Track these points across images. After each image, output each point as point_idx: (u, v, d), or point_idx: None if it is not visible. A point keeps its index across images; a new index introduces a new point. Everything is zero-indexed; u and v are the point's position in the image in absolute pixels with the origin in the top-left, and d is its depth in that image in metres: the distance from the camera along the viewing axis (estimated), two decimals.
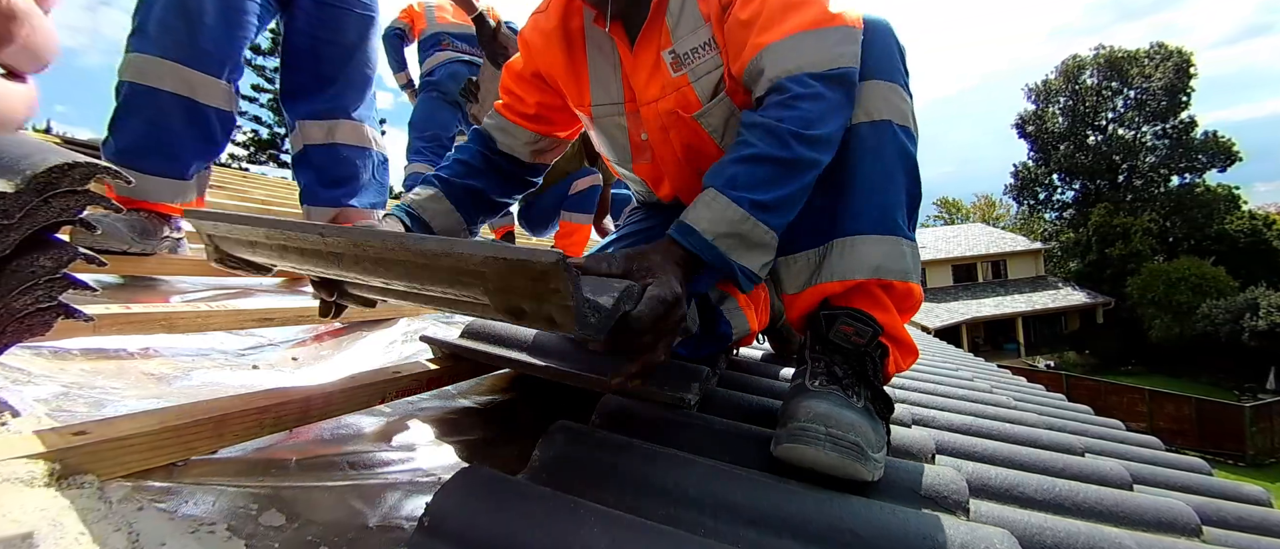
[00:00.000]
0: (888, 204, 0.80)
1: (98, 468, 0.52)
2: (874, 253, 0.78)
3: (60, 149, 0.57)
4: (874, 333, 0.77)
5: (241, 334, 1.24)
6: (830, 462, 0.64)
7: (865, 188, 0.80)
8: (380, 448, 0.79)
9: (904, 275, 0.79)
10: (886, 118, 0.80)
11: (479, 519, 0.48)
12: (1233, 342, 16.87)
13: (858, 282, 0.79)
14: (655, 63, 0.95)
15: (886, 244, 0.79)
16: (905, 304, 0.81)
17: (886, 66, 0.82)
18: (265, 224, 0.60)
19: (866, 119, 0.81)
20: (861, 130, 0.81)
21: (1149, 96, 24.11)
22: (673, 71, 0.93)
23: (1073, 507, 0.83)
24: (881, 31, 0.84)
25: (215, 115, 1.45)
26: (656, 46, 0.94)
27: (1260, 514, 1.07)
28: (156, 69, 1.36)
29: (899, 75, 0.83)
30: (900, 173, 0.81)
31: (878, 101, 0.81)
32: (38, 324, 0.59)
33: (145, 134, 1.37)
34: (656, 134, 1.01)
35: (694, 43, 0.92)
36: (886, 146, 0.80)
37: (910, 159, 0.81)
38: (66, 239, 0.59)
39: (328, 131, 1.66)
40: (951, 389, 1.74)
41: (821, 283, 0.81)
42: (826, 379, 0.73)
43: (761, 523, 0.56)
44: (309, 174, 1.70)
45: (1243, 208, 22.58)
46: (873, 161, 0.80)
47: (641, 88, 0.98)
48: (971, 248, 23.52)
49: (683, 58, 0.92)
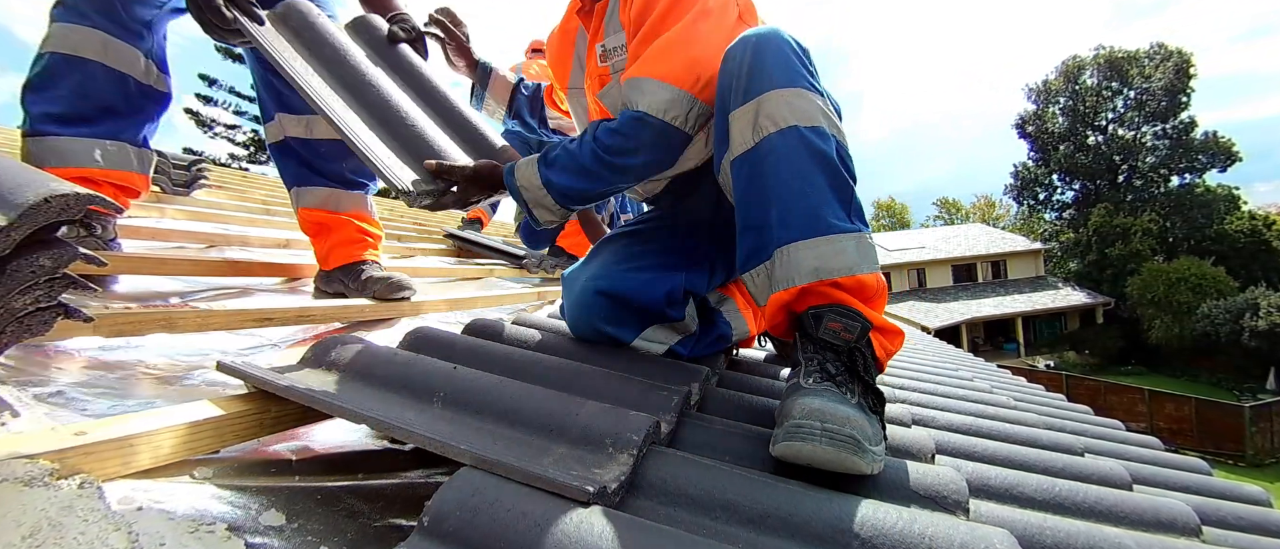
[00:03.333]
0: (811, 206, 0.81)
1: (98, 468, 0.52)
2: (808, 257, 0.79)
3: (56, 180, 0.56)
4: (863, 328, 0.77)
5: (241, 334, 1.24)
6: (828, 456, 0.64)
7: (787, 195, 0.82)
8: (381, 447, 0.79)
9: (848, 270, 0.78)
10: (791, 123, 0.83)
11: (478, 520, 0.48)
12: (1232, 342, 16.87)
13: (802, 286, 0.80)
14: (593, 53, 1.16)
15: (821, 245, 0.79)
16: (861, 296, 0.80)
17: (785, 74, 0.85)
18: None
19: (774, 128, 0.83)
20: (772, 141, 0.84)
21: (1149, 97, 24.11)
22: (600, 62, 1.14)
23: (1072, 507, 0.83)
24: (773, 42, 0.87)
25: (134, 84, 1.41)
26: (600, 39, 1.14)
27: (1260, 514, 1.07)
28: (84, 38, 1.32)
29: (800, 78, 0.85)
30: (817, 172, 0.82)
31: (781, 109, 0.83)
32: (37, 324, 0.59)
33: (71, 103, 1.32)
34: (593, 112, 1.24)
35: (614, 43, 1.11)
36: (795, 151, 0.82)
37: (823, 156, 0.82)
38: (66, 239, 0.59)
39: (307, 126, 1.63)
40: (951, 389, 1.74)
41: (776, 292, 0.83)
42: (820, 376, 0.74)
43: (761, 523, 0.56)
44: (293, 159, 1.64)
45: (1243, 208, 22.57)
46: (787, 168, 0.82)
47: (589, 73, 1.19)
48: (971, 248, 23.53)
49: (608, 52, 1.12)
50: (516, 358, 0.89)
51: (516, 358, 0.89)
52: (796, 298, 0.81)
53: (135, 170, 1.44)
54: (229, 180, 3.76)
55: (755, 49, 0.86)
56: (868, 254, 0.81)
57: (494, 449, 0.57)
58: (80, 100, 1.33)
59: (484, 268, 2.99)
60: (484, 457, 0.54)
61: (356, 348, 0.79)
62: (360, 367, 0.75)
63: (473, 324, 1.11)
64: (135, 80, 1.40)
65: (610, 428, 0.62)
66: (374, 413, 0.63)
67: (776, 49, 0.86)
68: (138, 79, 1.41)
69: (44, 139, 1.30)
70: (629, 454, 0.59)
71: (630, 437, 0.60)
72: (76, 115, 1.33)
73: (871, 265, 0.80)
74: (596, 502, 0.52)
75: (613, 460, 0.59)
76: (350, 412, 0.63)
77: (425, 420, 0.64)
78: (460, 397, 0.70)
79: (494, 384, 0.72)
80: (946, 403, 1.48)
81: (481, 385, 0.71)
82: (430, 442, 0.58)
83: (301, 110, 1.60)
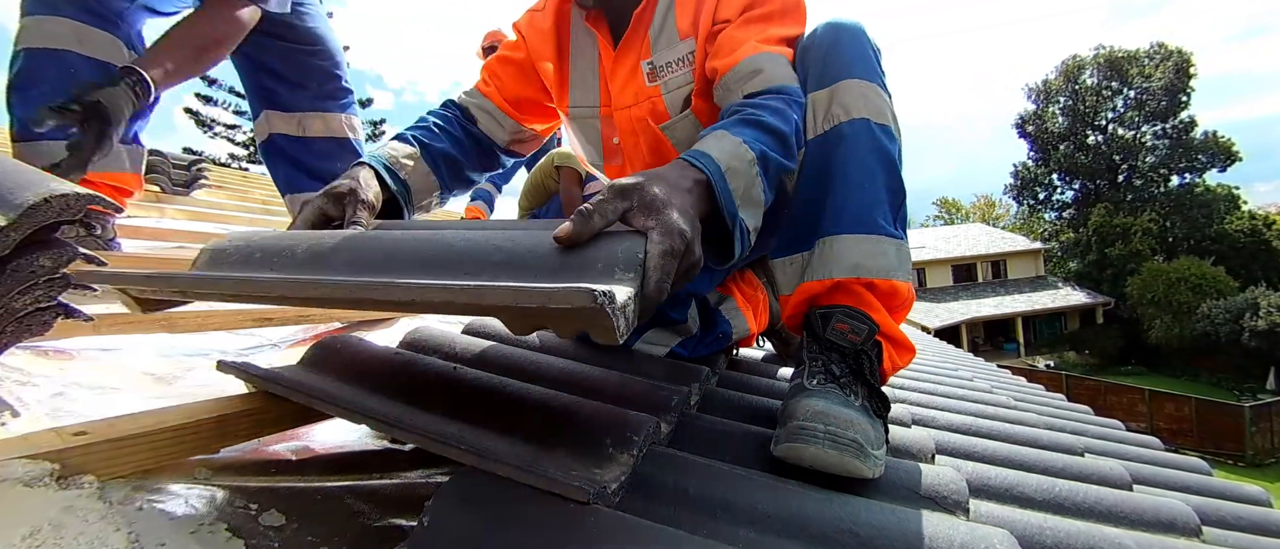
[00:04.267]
0: (866, 202, 0.80)
1: (98, 468, 0.52)
2: (852, 251, 0.79)
3: (56, 180, 0.56)
4: (870, 331, 0.77)
5: (241, 334, 1.24)
6: (830, 459, 0.64)
7: (844, 186, 0.81)
8: (381, 447, 0.79)
9: (886, 273, 0.78)
10: (864, 116, 0.81)
11: (478, 520, 0.48)
12: (1232, 342, 16.87)
13: (837, 280, 0.79)
14: (633, 70, 0.99)
15: (866, 243, 0.79)
16: (892, 302, 0.80)
17: (863, 66, 0.83)
18: (276, 281, 0.56)
19: (846, 117, 0.81)
20: (842, 129, 0.82)
21: (1149, 96, 24.13)
22: (648, 81, 0.98)
23: (1072, 507, 0.83)
24: (855, 33, 0.85)
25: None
26: (637, 55, 0.99)
27: (1260, 514, 1.07)
28: (56, 28, 1.27)
29: (875, 75, 0.84)
30: (879, 169, 0.81)
31: (855, 99, 0.82)
32: (37, 324, 0.59)
33: (55, 100, 1.26)
34: (627, 139, 1.06)
35: (671, 57, 0.96)
36: (863, 144, 0.81)
37: (887, 156, 0.81)
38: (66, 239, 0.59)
39: (298, 124, 1.59)
40: (951, 389, 1.74)
41: (805, 282, 0.82)
42: (824, 378, 0.74)
43: (761, 523, 0.56)
44: (282, 160, 1.62)
45: (1242, 208, 22.60)
46: (851, 160, 0.81)
47: (618, 92, 1.02)
48: (971, 248, 23.54)
49: (659, 69, 0.97)
50: (516, 358, 0.89)
51: (516, 358, 0.89)
52: (827, 291, 0.80)
53: (127, 170, 1.41)
54: (229, 180, 3.75)
55: (838, 36, 0.85)
56: (905, 263, 0.81)
57: (494, 449, 0.57)
58: (63, 95, 1.27)
59: None
60: (484, 457, 0.54)
61: (356, 347, 0.79)
62: (360, 366, 0.75)
63: (472, 324, 1.11)
64: (117, 69, 1.35)
65: (610, 428, 0.62)
66: (374, 412, 0.63)
67: (856, 41, 0.85)
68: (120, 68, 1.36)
69: (36, 143, 1.27)
70: (629, 454, 0.59)
71: (630, 437, 0.60)
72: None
73: (907, 274, 0.80)
74: (596, 502, 0.52)
75: (613, 461, 0.59)
76: (350, 411, 0.63)
77: (425, 420, 0.64)
78: (460, 396, 0.70)
79: (494, 384, 0.72)
80: (947, 403, 1.48)
81: (482, 385, 0.71)
82: (430, 442, 0.58)
83: (290, 107, 1.58)
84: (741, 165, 0.66)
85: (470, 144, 1.10)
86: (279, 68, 1.57)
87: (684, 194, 0.59)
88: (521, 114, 1.13)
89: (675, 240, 0.53)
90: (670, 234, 0.53)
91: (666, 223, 0.53)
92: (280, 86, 1.58)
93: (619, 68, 1.01)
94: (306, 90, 1.61)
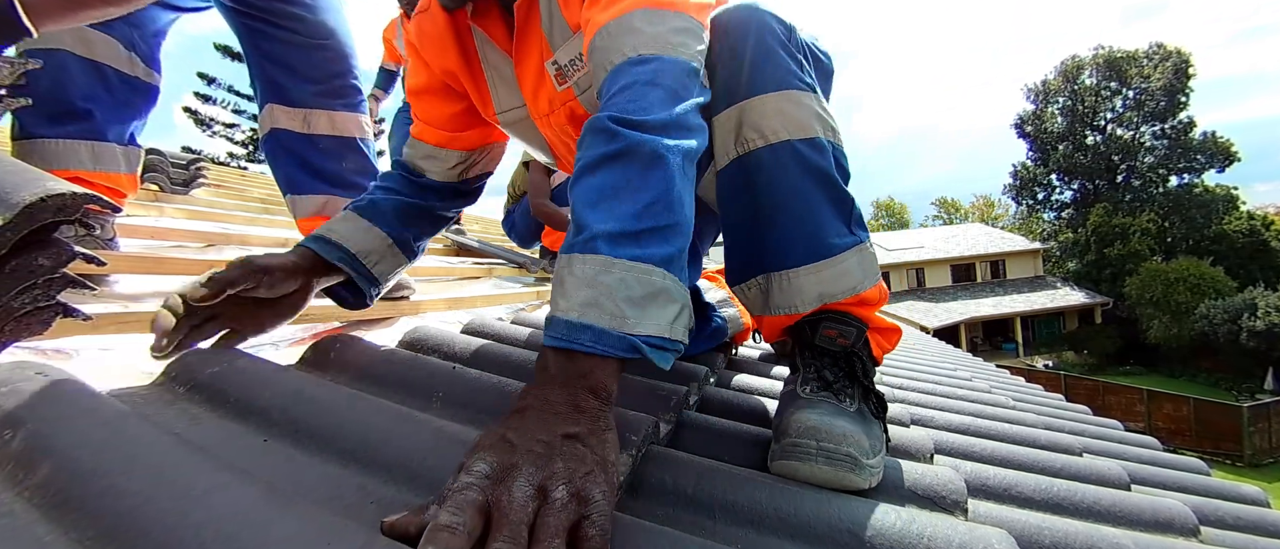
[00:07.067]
0: (812, 229, 0.74)
1: None
2: (813, 282, 0.74)
3: (54, 179, 0.56)
4: (859, 332, 0.75)
5: None
6: (825, 476, 0.63)
7: (787, 217, 0.74)
8: None
9: (852, 290, 0.74)
10: (784, 138, 0.72)
11: None
12: (1230, 342, 16.90)
13: (806, 313, 0.76)
14: (539, 73, 0.88)
15: (825, 269, 0.74)
16: (866, 309, 0.77)
17: (770, 69, 0.72)
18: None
19: (763, 143, 0.73)
20: (762, 156, 0.74)
21: (1148, 97, 24.15)
22: (557, 84, 0.87)
23: (1071, 507, 0.83)
24: (756, 25, 0.73)
25: (114, 76, 1.34)
26: (538, 55, 0.87)
27: (1258, 514, 1.07)
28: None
29: (790, 77, 0.73)
30: (817, 189, 0.74)
31: (770, 119, 0.72)
32: (36, 323, 0.59)
33: (53, 100, 1.26)
34: (560, 147, 0.98)
35: (571, 54, 0.84)
36: (792, 171, 0.73)
37: (820, 172, 0.73)
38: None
39: (304, 121, 1.56)
40: (950, 389, 1.74)
41: (774, 316, 0.79)
42: (817, 385, 0.72)
43: (761, 523, 0.56)
44: (285, 158, 1.57)
45: (1241, 208, 22.62)
46: (783, 188, 0.74)
47: (531, 99, 0.92)
48: (970, 248, 23.57)
49: (565, 70, 0.85)
50: (516, 357, 0.89)
51: (516, 357, 0.89)
52: (798, 319, 0.78)
53: (122, 171, 1.40)
54: (228, 179, 3.75)
55: (737, 38, 0.73)
56: (870, 267, 0.76)
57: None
58: (57, 95, 1.27)
59: (483, 267, 2.99)
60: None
61: (356, 347, 0.79)
62: (359, 366, 0.75)
63: (472, 323, 1.11)
64: (115, 71, 1.34)
65: None
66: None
67: (758, 35, 0.73)
68: (118, 70, 1.34)
69: (31, 142, 1.26)
70: (628, 455, 0.59)
71: (629, 437, 0.60)
72: (58, 112, 1.28)
73: (874, 278, 0.76)
74: None
75: None
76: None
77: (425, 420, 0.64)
78: (460, 396, 0.70)
79: (493, 384, 0.72)
80: (945, 403, 1.48)
81: (481, 385, 0.71)
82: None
83: (295, 102, 1.54)
84: (614, 294, 0.52)
85: (419, 191, 1.01)
86: (285, 60, 1.54)
87: (555, 414, 0.47)
88: (462, 132, 1.02)
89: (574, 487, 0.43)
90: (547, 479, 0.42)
91: (531, 470, 0.42)
92: (286, 80, 1.54)
93: (525, 71, 0.90)
94: (313, 86, 1.57)
